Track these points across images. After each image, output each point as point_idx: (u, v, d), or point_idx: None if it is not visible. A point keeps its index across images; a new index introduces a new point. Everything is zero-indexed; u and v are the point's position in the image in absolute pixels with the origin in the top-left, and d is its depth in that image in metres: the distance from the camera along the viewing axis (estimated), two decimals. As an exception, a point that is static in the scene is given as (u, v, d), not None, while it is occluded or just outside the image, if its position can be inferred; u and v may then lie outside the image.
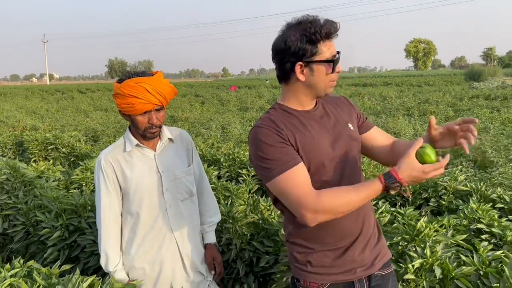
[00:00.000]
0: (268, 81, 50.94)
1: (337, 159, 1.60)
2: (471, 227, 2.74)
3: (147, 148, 2.09)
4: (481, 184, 3.71)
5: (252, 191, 4.04)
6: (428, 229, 2.21)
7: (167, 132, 2.15)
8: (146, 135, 2.03)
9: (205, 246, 2.28)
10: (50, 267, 2.26)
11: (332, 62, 1.55)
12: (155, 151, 2.10)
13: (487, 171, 5.08)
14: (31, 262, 2.33)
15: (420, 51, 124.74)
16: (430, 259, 2.00)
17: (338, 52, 1.57)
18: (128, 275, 2.10)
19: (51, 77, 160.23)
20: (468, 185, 3.79)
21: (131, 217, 2.10)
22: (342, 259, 1.61)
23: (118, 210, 2.10)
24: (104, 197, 2.06)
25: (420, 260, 1.99)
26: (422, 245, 2.13)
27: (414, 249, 2.14)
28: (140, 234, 2.10)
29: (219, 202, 2.97)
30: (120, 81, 1.99)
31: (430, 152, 1.45)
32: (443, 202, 3.68)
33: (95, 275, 1.96)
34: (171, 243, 2.12)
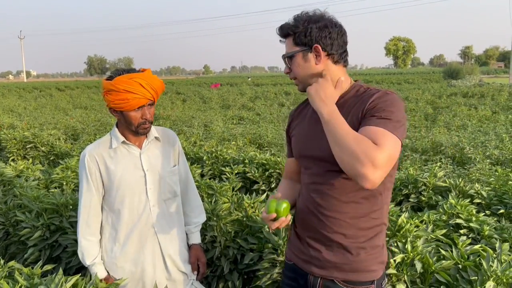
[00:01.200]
0: (250, 79, 51.00)
1: None
2: (450, 222, 2.81)
3: (133, 146, 2.09)
4: (460, 180, 3.80)
5: (235, 189, 4.05)
6: (409, 224, 2.25)
7: (153, 130, 2.14)
8: (139, 131, 2.02)
9: (190, 247, 2.28)
10: (32, 268, 2.23)
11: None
12: (140, 149, 2.10)
13: (465, 167, 5.20)
14: (12, 263, 2.30)
15: (399, 49, 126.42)
16: (411, 254, 2.04)
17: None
18: (108, 273, 2.09)
19: (28, 74, 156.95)
20: (447, 181, 3.88)
21: (113, 214, 2.09)
22: None
23: (99, 206, 2.09)
24: (85, 193, 2.06)
25: (401, 255, 2.03)
26: (403, 240, 2.17)
27: (395, 244, 2.18)
28: (122, 232, 2.09)
29: (202, 200, 2.96)
30: (109, 78, 1.99)
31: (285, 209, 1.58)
32: (423, 198, 3.76)
33: (79, 275, 1.95)
34: (154, 242, 2.12)
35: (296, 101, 19.12)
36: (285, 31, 1.66)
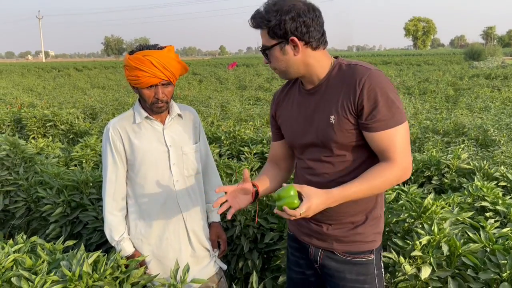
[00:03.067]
0: (266, 60, 50.49)
1: None
2: (475, 205, 2.73)
3: (156, 121, 2.08)
4: (484, 163, 3.70)
5: (254, 169, 4.02)
6: (434, 206, 2.19)
7: (176, 107, 2.13)
8: (153, 109, 2.02)
9: (210, 225, 2.27)
10: (54, 243, 2.25)
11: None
12: (163, 125, 2.08)
13: (489, 149, 5.07)
14: (34, 238, 2.32)
15: (419, 30, 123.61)
16: (438, 236, 1.98)
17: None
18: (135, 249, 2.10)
19: (46, 54, 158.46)
20: (471, 164, 3.78)
21: (136, 190, 2.09)
22: None
23: (124, 181, 2.09)
24: (111, 166, 2.05)
25: (427, 237, 1.98)
26: (429, 222, 2.11)
27: (421, 226, 2.13)
28: (146, 208, 2.09)
29: (221, 179, 2.95)
30: (131, 53, 1.98)
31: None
32: (446, 180, 3.67)
33: (99, 251, 1.95)
34: (178, 218, 2.11)
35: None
36: (257, 24, 1.58)
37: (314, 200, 1.44)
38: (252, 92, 14.52)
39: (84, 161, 4.55)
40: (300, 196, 1.46)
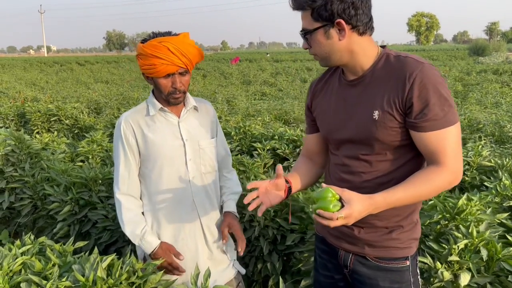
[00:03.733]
0: (268, 55, 50.35)
1: None
2: (503, 204, 2.60)
3: (171, 114, 1.94)
4: (507, 160, 3.56)
5: (267, 166, 3.89)
6: (469, 207, 2.06)
7: (192, 100, 1.99)
8: (170, 100, 1.88)
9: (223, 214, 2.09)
10: (63, 244, 2.12)
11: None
12: (179, 118, 1.94)
13: (506, 146, 4.92)
14: (42, 238, 2.19)
15: (422, 25, 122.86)
16: (476, 240, 1.85)
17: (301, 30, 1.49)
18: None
19: (48, 49, 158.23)
20: (493, 161, 3.65)
21: (150, 187, 1.96)
22: None
23: (137, 177, 1.96)
24: (123, 163, 1.92)
25: (465, 241, 1.84)
26: (465, 225, 1.98)
27: (456, 228, 1.99)
28: (160, 206, 1.96)
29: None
30: (143, 41, 1.84)
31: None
32: (466, 178, 3.54)
33: (113, 253, 1.82)
34: (194, 217, 1.98)
35: (319, 75, 18.70)
36: (300, 4, 1.43)
37: (356, 206, 1.30)
38: (258, 87, 14.38)
39: (90, 157, 4.42)
40: (340, 201, 1.32)
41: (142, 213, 1.98)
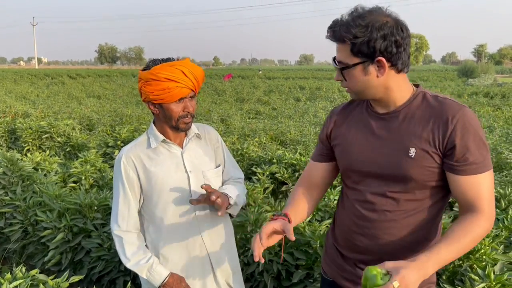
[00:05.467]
0: (261, 71, 50.60)
1: None
2: (511, 238, 2.54)
3: (174, 145, 1.86)
4: (509, 190, 3.52)
5: (267, 191, 3.80)
6: (483, 245, 1.99)
7: (193, 127, 1.91)
8: (180, 126, 1.80)
9: None
10: (55, 276, 2.01)
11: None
12: (182, 148, 1.87)
13: (504, 173, 4.89)
14: (34, 271, 2.07)
15: (412, 46, 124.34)
16: (494, 283, 1.78)
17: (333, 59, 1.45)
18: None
19: (39, 61, 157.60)
20: (494, 190, 3.60)
21: (154, 223, 1.86)
22: None
23: (136, 215, 1.86)
24: (122, 201, 1.83)
25: (482, 284, 1.77)
26: (481, 265, 1.91)
27: (471, 269, 1.92)
28: (165, 242, 1.86)
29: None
30: (147, 67, 1.77)
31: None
32: (468, 208, 3.48)
33: (107, 284, 1.71)
34: (201, 252, 1.89)
35: (312, 95, 18.78)
36: (340, 37, 1.36)
37: (405, 271, 1.17)
38: (252, 105, 14.35)
39: (83, 178, 4.29)
40: (388, 274, 1.20)
41: (146, 246, 1.88)
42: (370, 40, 1.31)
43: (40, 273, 2.06)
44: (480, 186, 1.32)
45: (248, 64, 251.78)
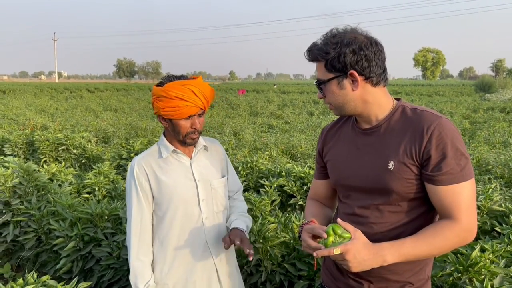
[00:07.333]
0: (276, 86, 50.85)
1: None
2: (517, 254, 2.53)
3: (183, 155, 1.96)
4: (518, 205, 3.50)
5: (274, 204, 3.85)
6: (482, 259, 2.00)
7: (201, 139, 2.02)
8: (186, 141, 1.90)
9: (230, 230, 1.96)
10: (66, 282, 2.09)
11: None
12: (190, 159, 1.96)
13: (516, 189, 4.84)
14: (45, 278, 2.16)
15: (428, 61, 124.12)
16: (491, 296, 1.80)
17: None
18: None
19: (59, 75, 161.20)
20: (503, 206, 3.59)
21: (162, 229, 1.94)
22: None
23: (149, 222, 1.95)
24: (136, 208, 1.91)
25: (480, 297, 1.79)
26: (479, 278, 1.93)
27: (470, 282, 1.94)
28: (172, 249, 1.93)
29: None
30: (160, 84, 1.87)
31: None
32: (477, 223, 3.47)
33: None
34: (207, 258, 1.96)
35: (325, 110, 18.83)
36: (314, 56, 1.47)
37: (353, 246, 1.29)
38: (265, 119, 14.45)
39: (97, 189, 4.41)
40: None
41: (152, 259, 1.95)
42: (340, 55, 1.39)
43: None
44: (458, 196, 1.35)
45: (264, 79, 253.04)
